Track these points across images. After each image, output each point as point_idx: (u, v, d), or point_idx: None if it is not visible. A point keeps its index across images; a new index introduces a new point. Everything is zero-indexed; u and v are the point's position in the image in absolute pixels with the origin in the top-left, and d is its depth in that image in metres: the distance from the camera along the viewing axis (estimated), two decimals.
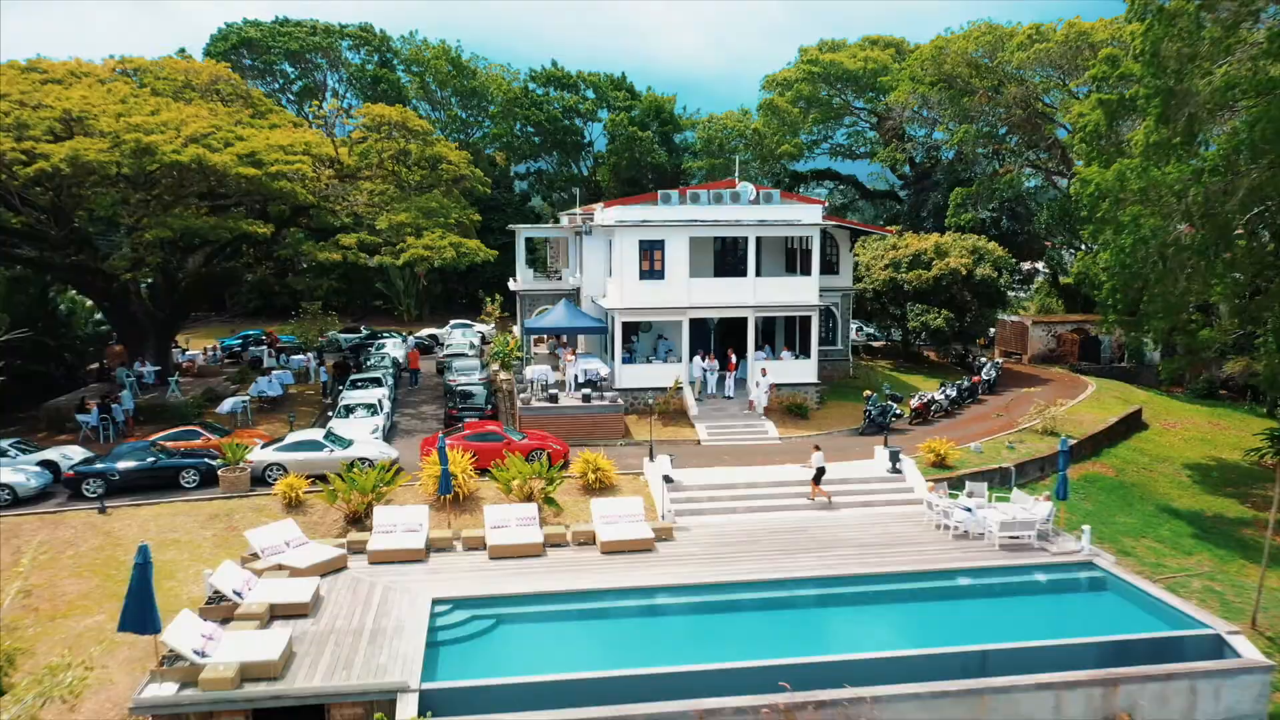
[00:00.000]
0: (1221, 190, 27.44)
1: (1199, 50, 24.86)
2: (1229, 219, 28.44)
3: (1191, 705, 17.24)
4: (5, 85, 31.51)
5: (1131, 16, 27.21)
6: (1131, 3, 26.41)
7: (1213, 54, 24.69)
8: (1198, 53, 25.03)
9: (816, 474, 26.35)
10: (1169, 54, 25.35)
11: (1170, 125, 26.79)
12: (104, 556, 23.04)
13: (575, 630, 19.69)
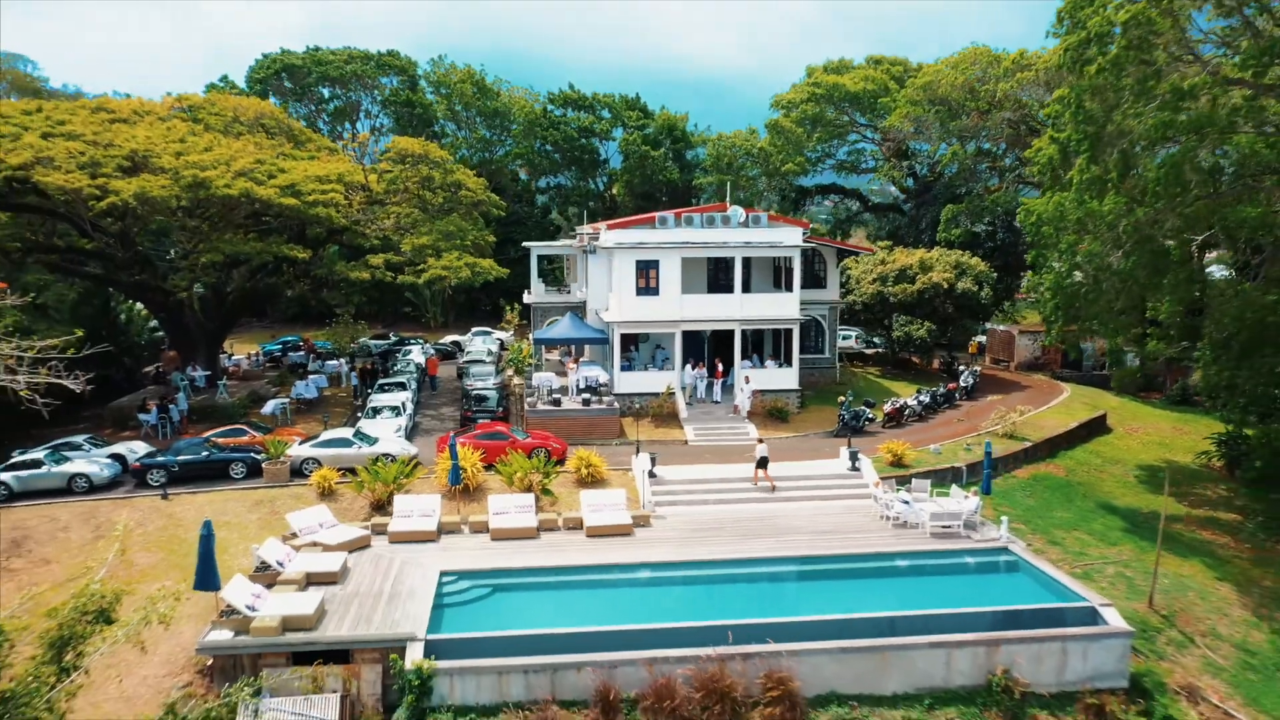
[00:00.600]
0: (1151, 220, 30.62)
1: (1120, 100, 28.02)
2: (1161, 246, 31.61)
3: (1063, 664, 20.61)
4: (79, 126, 35.87)
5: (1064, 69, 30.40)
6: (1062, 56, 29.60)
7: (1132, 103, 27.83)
8: (1119, 102, 28.20)
9: (760, 461, 30.04)
10: (1092, 105, 28.58)
11: (1100, 164, 29.97)
12: (167, 535, 27.09)
13: (557, 597, 23.40)
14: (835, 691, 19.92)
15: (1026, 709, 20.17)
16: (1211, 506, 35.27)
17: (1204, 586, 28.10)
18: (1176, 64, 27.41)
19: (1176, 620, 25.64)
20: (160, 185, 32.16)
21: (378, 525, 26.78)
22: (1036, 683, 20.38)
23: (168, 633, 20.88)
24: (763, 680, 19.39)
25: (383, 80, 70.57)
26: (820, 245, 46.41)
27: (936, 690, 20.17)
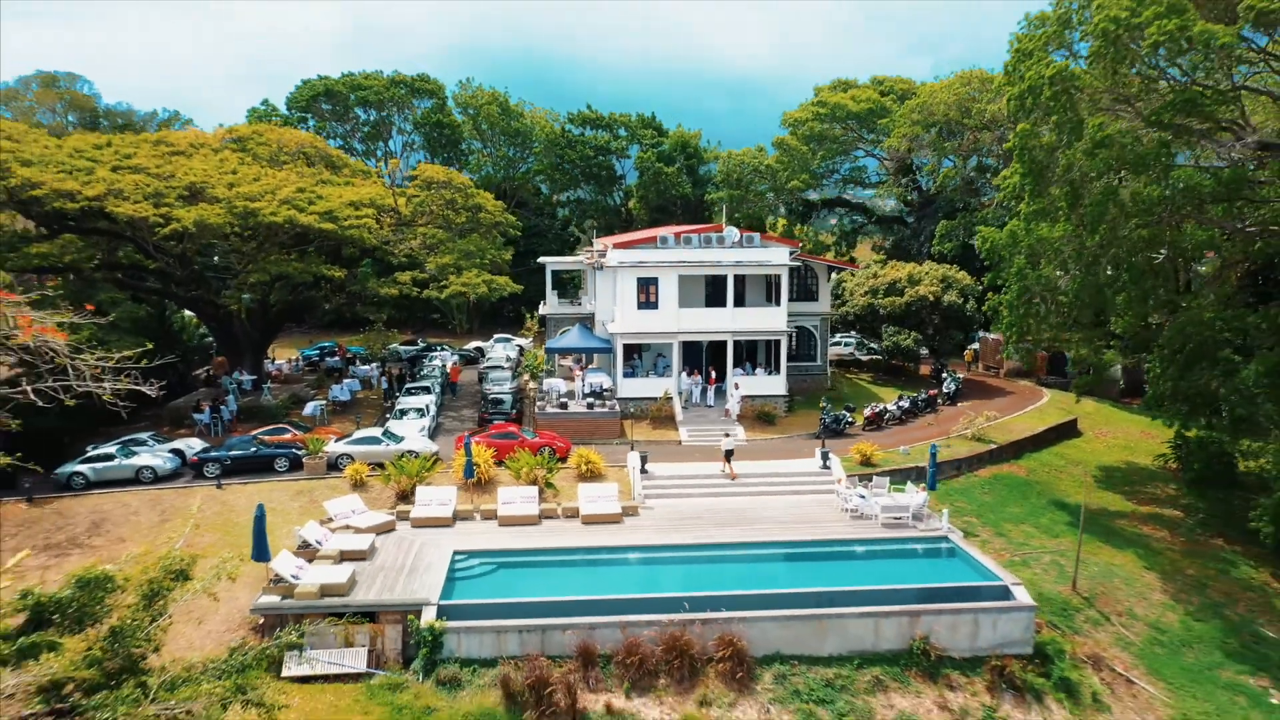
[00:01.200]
0: (1097, 247, 33.92)
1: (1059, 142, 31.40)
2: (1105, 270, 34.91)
3: (975, 633, 24.13)
4: (143, 159, 40.37)
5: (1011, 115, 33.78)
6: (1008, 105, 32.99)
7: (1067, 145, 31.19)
8: (1058, 144, 31.59)
9: (726, 454, 33.94)
10: (1035, 145, 31.96)
11: (1045, 197, 33.35)
12: (222, 519, 31.30)
13: (552, 573, 27.23)
14: (779, 652, 23.59)
15: (942, 669, 23.73)
16: (1158, 504, 38.41)
17: (1131, 574, 31.42)
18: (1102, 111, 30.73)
19: (1096, 602, 29.01)
20: (215, 214, 36.49)
21: (402, 512, 30.81)
22: (952, 648, 23.94)
23: (226, 597, 24.98)
24: (716, 641, 23.12)
25: (415, 102, 75.00)
26: (811, 262, 49.90)
27: (866, 652, 23.78)
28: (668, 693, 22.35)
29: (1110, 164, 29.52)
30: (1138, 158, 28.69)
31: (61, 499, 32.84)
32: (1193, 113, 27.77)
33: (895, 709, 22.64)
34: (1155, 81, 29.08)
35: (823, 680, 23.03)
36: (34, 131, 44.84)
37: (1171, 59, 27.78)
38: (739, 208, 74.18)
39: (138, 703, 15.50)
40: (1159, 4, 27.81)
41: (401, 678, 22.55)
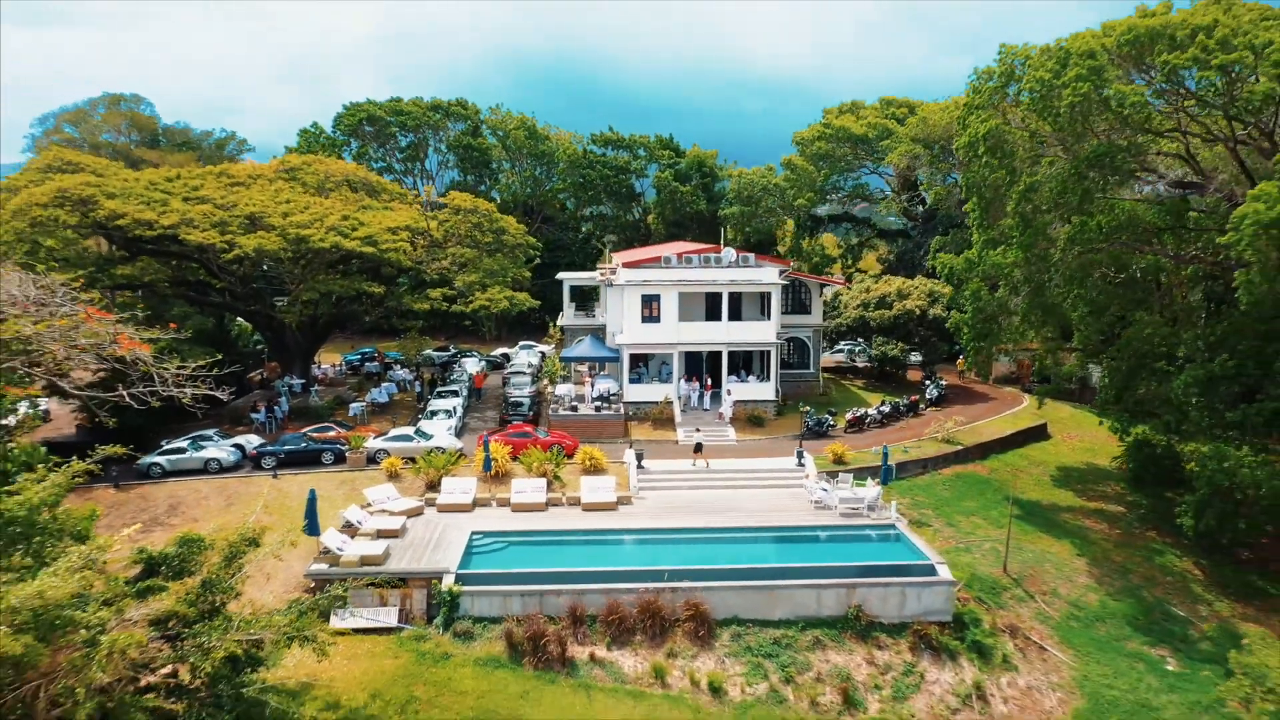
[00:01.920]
0: (1037, 271, 38.11)
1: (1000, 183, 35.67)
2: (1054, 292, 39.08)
3: (903, 603, 28.53)
4: (209, 190, 45.88)
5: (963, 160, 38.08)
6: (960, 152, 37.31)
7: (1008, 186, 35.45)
8: (1000, 183, 35.84)
9: (696, 447, 38.69)
10: (981, 187, 36.22)
11: (994, 229, 37.57)
12: (278, 503, 36.47)
13: (552, 550, 31.99)
14: (737, 616, 28.18)
15: (872, 632, 28.18)
16: (1105, 501, 42.34)
17: (1063, 560, 35.56)
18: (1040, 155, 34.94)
19: (1024, 582, 33.23)
20: (272, 240, 41.79)
21: (429, 499, 35.80)
22: (882, 615, 28.39)
23: (285, 565, 30.11)
24: (684, 606, 27.78)
25: (449, 125, 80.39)
26: (804, 279, 54.29)
27: (809, 617, 28.29)
28: (642, 646, 27.06)
29: (1040, 206, 33.69)
30: (1062, 201, 32.86)
31: (143, 485, 38.27)
32: (1105, 165, 31.90)
33: (830, 664, 27.15)
34: (1081, 133, 33.19)
35: (771, 639, 27.60)
36: (113, 165, 50.63)
37: (1086, 116, 31.90)
38: (750, 223, 78.62)
39: (225, 632, 20.57)
40: (1080, 67, 32.04)
41: (425, 631, 27.49)
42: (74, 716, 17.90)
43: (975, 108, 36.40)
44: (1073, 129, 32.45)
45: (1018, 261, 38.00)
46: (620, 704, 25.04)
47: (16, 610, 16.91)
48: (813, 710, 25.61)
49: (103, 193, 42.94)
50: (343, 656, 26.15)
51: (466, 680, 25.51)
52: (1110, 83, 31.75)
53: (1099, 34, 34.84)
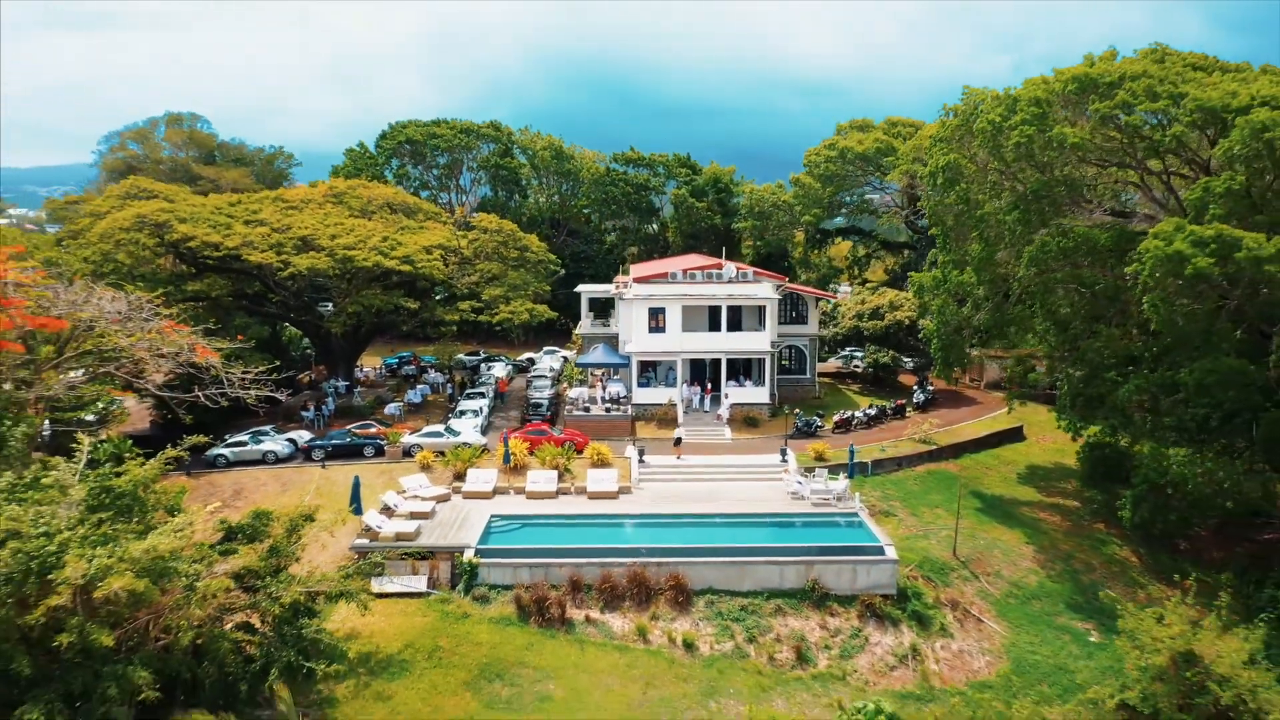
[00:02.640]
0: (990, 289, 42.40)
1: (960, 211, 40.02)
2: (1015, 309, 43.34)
3: (854, 578, 33.07)
4: (267, 214, 51.52)
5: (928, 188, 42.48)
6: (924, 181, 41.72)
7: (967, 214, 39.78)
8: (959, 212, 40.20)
9: (676, 440, 43.39)
10: (943, 214, 40.60)
11: (955, 251, 41.91)
12: (327, 490, 41.80)
13: (560, 530, 36.91)
14: (711, 587, 32.92)
15: (826, 602, 32.77)
16: (1063, 496, 46.38)
17: (1011, 547, 39.82)
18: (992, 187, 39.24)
19: (971, 564, 37.58)
20: (322, 260, 47.28)
21: (455, 487, 40.95)
22: (836, 588, 32.97)
23: (334, 540, 35.35)
24: (667, 577, 32.58)
25: (481, 145, 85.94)
26: (801, 293, 58.81)
27: (773, 589, 32.94)
28: (629, 610, 31.93)
29: (991, 233, 38.04)
30: (1008, 231, 37.21)
31: (210, 473, 43.84)
32: (1044, 198, 36.20)
33: (789, 627, 31.81)
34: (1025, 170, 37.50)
35: (739, 606, 32.31)
36: (183, 191, 56.51)
37: (1030, 156, 36.23)
38: (762, 236, 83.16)
39: (288, 584, 25.80)
40: (1025, 113, 36.40)
41: (449, 595, 32.58)
42: (177, 643, 23.24)
43: (940, 140, 40.81)
44: (1018, 166, 36.76)
45: (979, 281, 42.33)
46: (608, 655, 29.94)
47: (136, 560, 22.17)
48: (770, 664, 30.31)
49: (175, 217, 48.71)
50: (380, 614, 31.28)
51: (482, 634, 30.56)
52: (1054, 125, 36.00)
53: (1050, 80, 39.07)
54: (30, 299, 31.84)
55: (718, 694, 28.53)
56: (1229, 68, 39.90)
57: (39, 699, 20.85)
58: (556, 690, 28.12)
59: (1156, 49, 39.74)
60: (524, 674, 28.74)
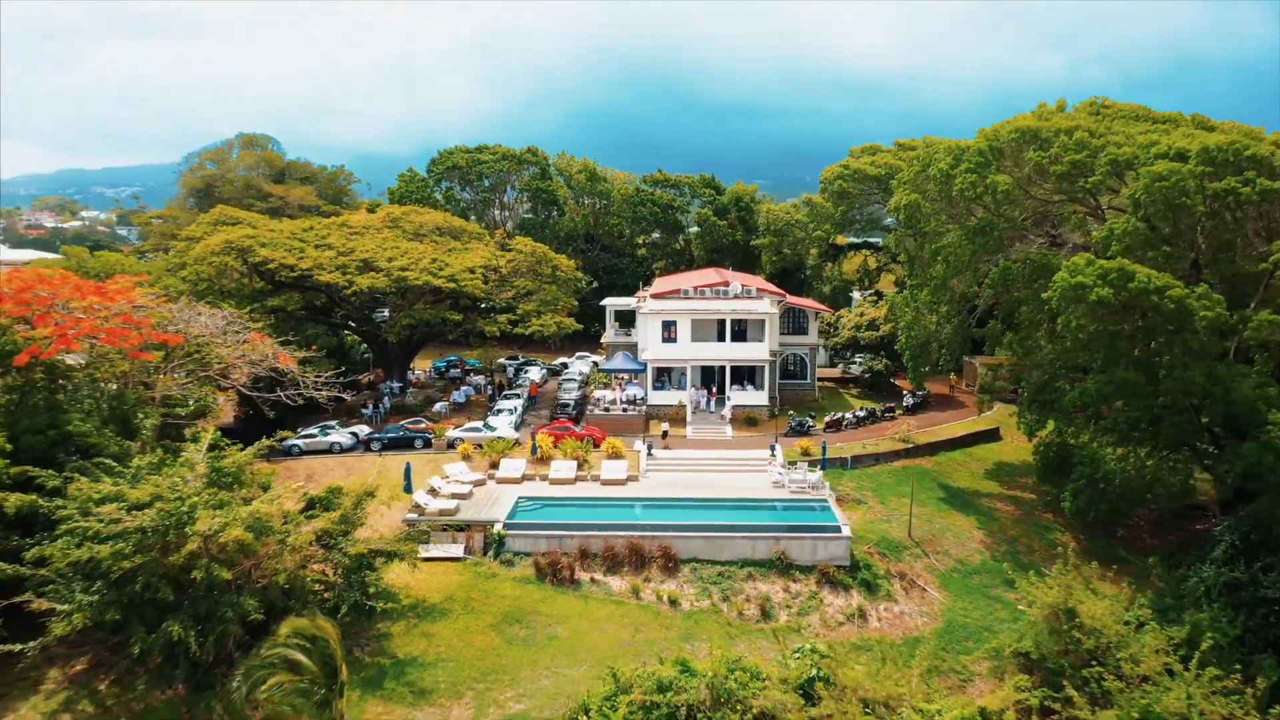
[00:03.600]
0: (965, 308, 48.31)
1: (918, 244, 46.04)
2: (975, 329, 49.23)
3: (814, 551, 39.38)
4: (334, 239, 59.19)
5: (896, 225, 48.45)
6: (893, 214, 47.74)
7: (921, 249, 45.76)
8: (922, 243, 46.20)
9: (663, 433, 49.81)
10: (907, 244, 46.59)
11: (919, 275, 47.87)
12: (383, 475, 49.01)
13: (574, 510, 43.67)
14: (695, 557, 39.45)
15: (790, 570, 39.07)
16: (1021, 490, 51.95)
17: (963, 531, 45.67)
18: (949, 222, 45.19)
19: (924, 544, 43.57)
20: (380, 280, 54.78)
21: (490, 474, 48.00)
22: (799, 560, 39.28)
23: (389, 513, 42.57)
24: (658, 548, 39.18)
25: (522, 169, 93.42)
26: (802, 307, 64.99)
27: (747, 559, 39.34)
28: (626, 574, 38.61)
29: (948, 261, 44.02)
30: (956, 259, 43.17)
31: (286, 461, 51.42)
32: (987, 234, 42.11)
33: (757, 590, 38.21)
34: (969, 211, 43.45)
35: (717, 573, 38.81)
36: (262, 218, 64.55)
37: (975, 199, 42.17)
38: (779, 251, 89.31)
39: (355, 543, 33.04)
40: (969, 162, 42.38)
41: (481, 559, 39.57)
42: (273, 583, 30.55)
43: (903, 183, 46.84)
44: (964, 207, 42.74)
45: (937, 302, 48.30)
46: (606, 607, 36.69)
47: (244, 519, 29.47)
48: (739, 618, 36.80)
49: (257, 242, 56.61)
50: (425, 573, 38.37)
51: (506, 590, 37.51)
52: (994, 172, 41.91)
53: (1000, 130, 44.92)
54: (153, 319, 39.54)
55: (692, 639, 35.07)
56: (1160, 118, 45.42)
57: (177, 619, 28.28)
58: (563, 632, 34.96)
59: (1095, 103, 45.38)
60: (538, 619, 35.64)
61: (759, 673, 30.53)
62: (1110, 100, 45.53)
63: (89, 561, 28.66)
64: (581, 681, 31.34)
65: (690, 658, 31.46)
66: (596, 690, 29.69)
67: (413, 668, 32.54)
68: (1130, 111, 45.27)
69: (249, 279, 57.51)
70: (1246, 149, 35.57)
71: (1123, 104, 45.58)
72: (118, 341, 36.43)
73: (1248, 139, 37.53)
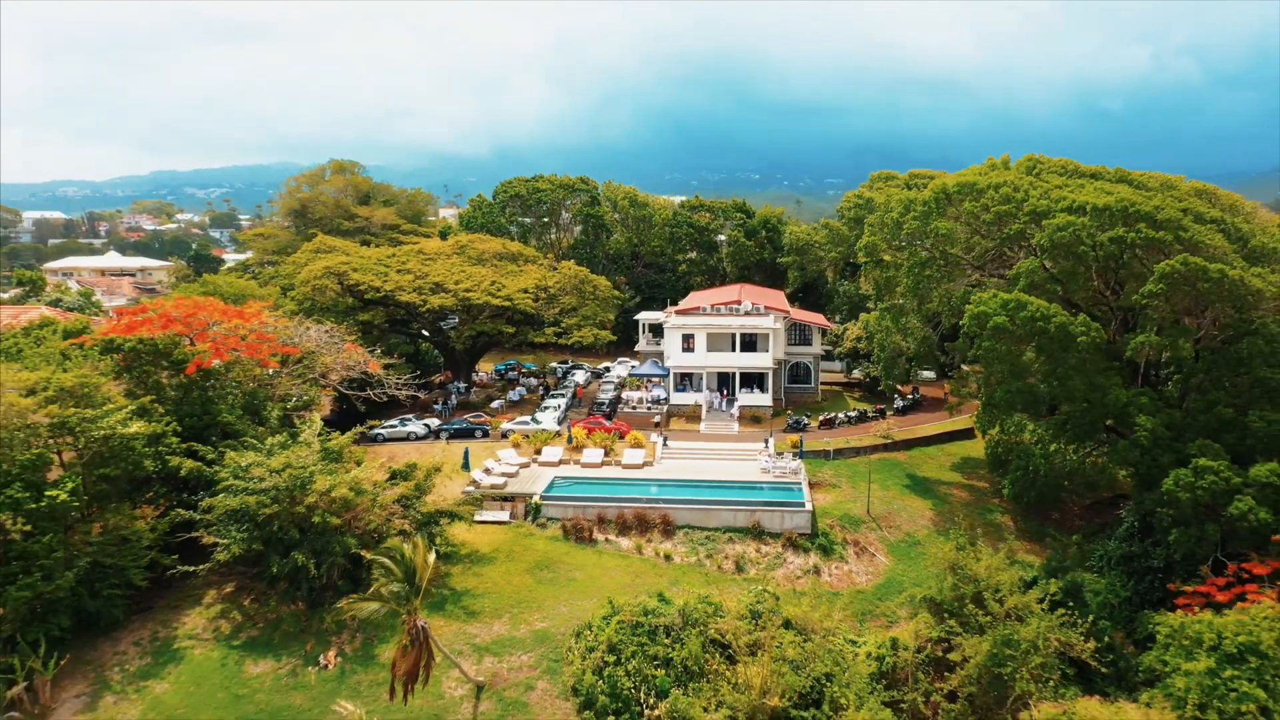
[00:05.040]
0: (931, 327, 56.98)
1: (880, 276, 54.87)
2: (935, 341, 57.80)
3: (783, 521, 48.72)
4: (412, 265, 70.45)
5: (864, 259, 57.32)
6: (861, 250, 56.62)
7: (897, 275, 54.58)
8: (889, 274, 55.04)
9: (655, 423, 59.32)
10: (874, 274, 55.44)
11: (887, 299, 56.68)
12: (448, 458, 59.86)
13: (598, 486, 53.74)
14: (689, 524, 49.11)
15: (763, 536, 48.45)
16: (978, 479, 60.16)
17: (917, 510, 54.34)
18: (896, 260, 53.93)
19: (879, 520, 52.46)
20: (448, 300, 65.71)
21: (534, 458, 58.36)
22: (770, 528, 48.62)
23: (452, 486, 53.26)
24: (659, 516, 49.02)
25: (574, 196, 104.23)
26: (804, 321, 74.06)
27: (729, 527, 48.85)
28: (633, 536, 48.51)
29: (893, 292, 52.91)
30: (905, 289, 52.02)
31: (373, 446, 62.53)
32: (927, 268, 50.87)
33: (735, 550, 47.70)
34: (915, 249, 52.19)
35: (705, 536, 48.43)
36: (354, 246, 76.27)
37: (919, 241, 50.97)
38: (802, 269, 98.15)
39: (424, 505, 43.76)
40: (915, 211, 51.25)
41: (522, 523, 49.90)
42: (366, 530, 41.40)
43: (869, 225, 55.75)
44: (910, 248, 51.60)
45: (895, 326, 57.10)
46: (615, 559, 46.68)
47: (347, 482, 40.32)
48: (718, 571, 46.37)
49: (350, 268, 68.15)
50: (478, 533, 48.86)
51: (540, 545, 47.79)
52: (934, 219, 50.64)
53: (948, 182, 53.54)
54: (277, 334, 50.94)
55: (679, 584, 44.78)
56: (1086, 171, 53.50)
57: (301, 551, 39.28)
58: (579, 576, 45.08)
59: (1032, 158, 53.65)
60: (561, 567, 45.85)
61: (720, 606, 40.41)
62: (1045, 157, 53.66)
63: (240, 510, 39.92)
64: (589, 610, 41.40)
65: (669, 593, 41.50)
66: (598, 613, 39.94)
67: (466, 597, 43.03)
68: (1059, 166, 53.38)
69: (343, 297, 69.03)
70: (1133, 205, 43.78)
71: (1055, 159, 53.69)
72: (253, 353, 47.82)
73: (1136, 195, 45.63)
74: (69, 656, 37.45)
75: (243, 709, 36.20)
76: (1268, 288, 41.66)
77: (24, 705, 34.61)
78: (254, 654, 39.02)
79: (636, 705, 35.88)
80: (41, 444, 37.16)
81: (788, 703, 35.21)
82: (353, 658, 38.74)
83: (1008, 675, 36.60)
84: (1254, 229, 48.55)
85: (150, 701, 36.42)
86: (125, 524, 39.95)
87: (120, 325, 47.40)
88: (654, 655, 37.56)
